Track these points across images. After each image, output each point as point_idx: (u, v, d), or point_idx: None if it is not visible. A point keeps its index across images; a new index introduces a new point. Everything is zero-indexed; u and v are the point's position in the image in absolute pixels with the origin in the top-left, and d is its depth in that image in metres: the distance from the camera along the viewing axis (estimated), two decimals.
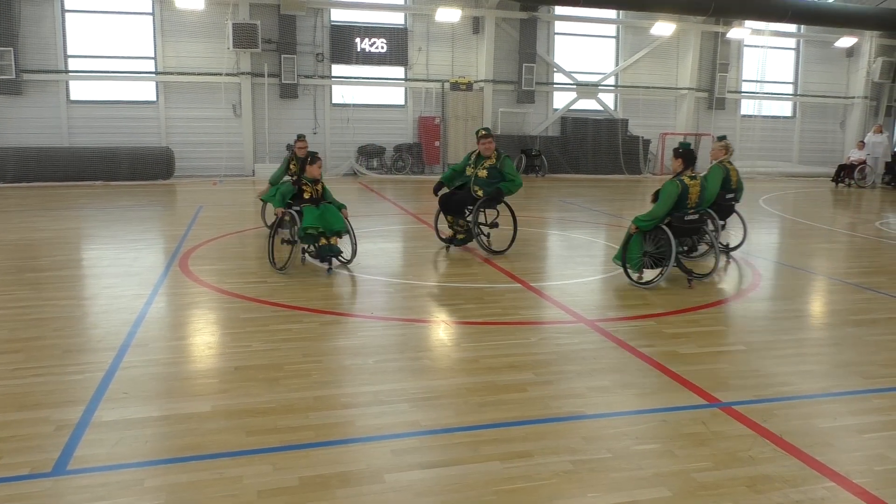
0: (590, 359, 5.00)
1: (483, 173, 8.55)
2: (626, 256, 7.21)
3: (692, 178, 7.09)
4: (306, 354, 4.96)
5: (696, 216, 7.18)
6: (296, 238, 7.72)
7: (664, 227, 7.08)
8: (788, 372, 4.82)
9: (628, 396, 4.31)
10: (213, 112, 20.06)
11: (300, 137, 10.09)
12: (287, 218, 7.66)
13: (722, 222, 8.77)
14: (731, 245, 9.35)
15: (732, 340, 5.58)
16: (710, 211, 7.87)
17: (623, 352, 5.15)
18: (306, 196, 7.68)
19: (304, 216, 7.42)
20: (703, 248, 8.12)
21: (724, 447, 3.66)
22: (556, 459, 3.49)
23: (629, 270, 7.26)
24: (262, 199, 10.26)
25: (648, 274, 7.39)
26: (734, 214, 8.91)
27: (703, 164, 24.35)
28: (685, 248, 7.60)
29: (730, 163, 8.91)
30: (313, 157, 7.83)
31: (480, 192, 8.62)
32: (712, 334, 5.76)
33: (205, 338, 5.39)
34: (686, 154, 7.10)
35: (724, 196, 8.57)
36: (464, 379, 4.54)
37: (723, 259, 8.66)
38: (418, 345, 5.27)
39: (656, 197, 7.30)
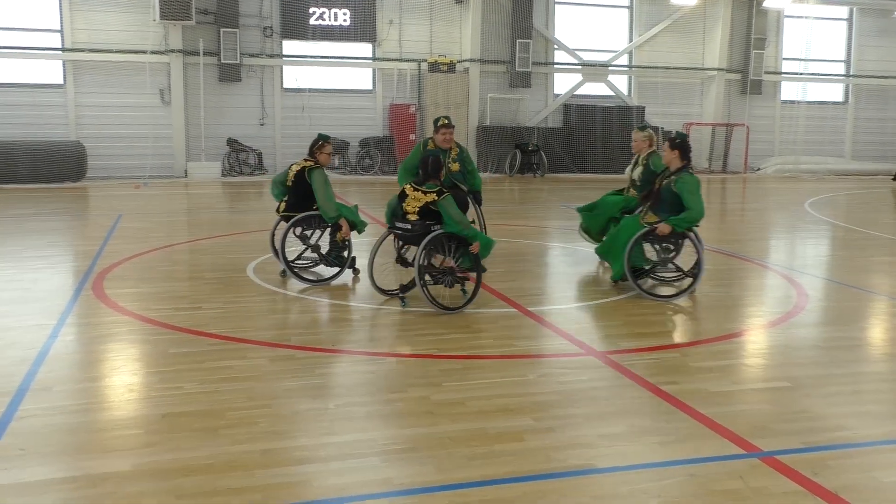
0: (600, 399, 5.01)
1: (455, 166, 8.88)
2: (629, 262, 7.62)
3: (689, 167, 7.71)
4: (252, 398, 4.93)
5: None
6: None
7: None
8: (843, 413, 4.86)
9: (648, 445, 4.32)
10: (136, 98, 19.98)
11: (327, 139, 8.39)
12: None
13: None
14: None
15: (774, 375, 5.61)
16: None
17: (641, 390, 5.17)
18: None
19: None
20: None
21: None
22: None
23: (631, 279, 7.66)
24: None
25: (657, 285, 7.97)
26: None
27: (737, 160, 24.58)
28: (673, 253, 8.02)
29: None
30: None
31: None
32: (749, 368, 5.79)
33: (125, 378, 5.33)
34: (685, 145, 7.66)
35: None
36: (447, 426, 4.53)
37: None
38: (391, 385, 5.25)
39: (648, 197, 7.82)
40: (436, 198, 6.96)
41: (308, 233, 8.33)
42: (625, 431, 4.49)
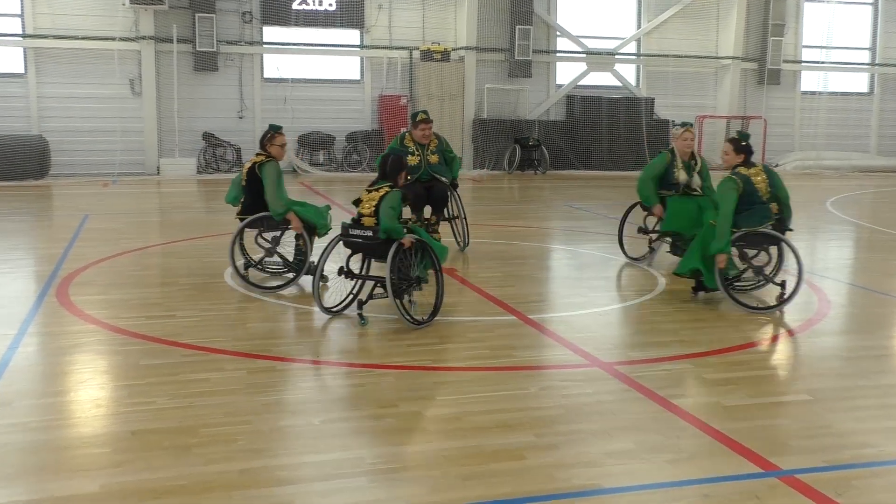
0: (607, 414, 5.02)
1: (435, 158, 9.63)
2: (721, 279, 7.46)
3: (751, 165, 7.60)
4: (229, 413, 4.92)
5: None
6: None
7: (765, 230, 7.43)
8: (869, 429, 4.87)
9: (658, 464, 4.33)
10: (104, 89, 19.94)
11: (278, 130, 8.24)
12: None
13: None
14: None
15: (794, 388, 5.63)
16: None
17: (651, 404, 5.18)
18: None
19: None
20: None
21: None
22: None
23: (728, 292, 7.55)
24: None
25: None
26: None
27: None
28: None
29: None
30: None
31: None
32: (767, 380, 5.80)
33: (91, 392, 5.32)
34: (749, 148, 7.69)
35: None
36: (440, 443, 4.53)
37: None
38: (381, 398, 5.25)
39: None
40: (388, 190, 6.75)
41: (277, 234, 8.31)
42: (633, 448, 4.49)
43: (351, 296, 7.12)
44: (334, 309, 7.15)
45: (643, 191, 9.04)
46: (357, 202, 6.98)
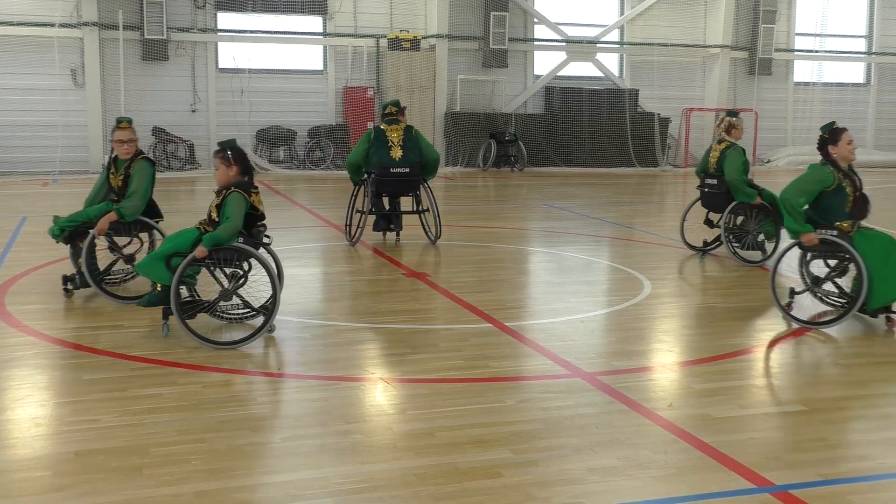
0: (589, 428, 5.04)
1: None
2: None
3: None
4: (183, 431, 4.90)
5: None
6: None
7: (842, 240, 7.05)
8: (869, 441, 4.93)
9: (644, 480, 4.35)
10: (43, 80, 19.77)
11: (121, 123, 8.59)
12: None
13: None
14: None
15: (788, 398, 5.69)
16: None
17: (636, 416, 5.21)
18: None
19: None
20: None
21: None
22: None
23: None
24: None
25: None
26: None
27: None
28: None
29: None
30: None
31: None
32: (760, 390, 5.85)
33: (30, 410, 5.27)
34: None
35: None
36: (411, 461, 4.53)
37: None
38: (347, 414, 5.24)
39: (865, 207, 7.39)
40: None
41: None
42: (617, 464, 4.52)
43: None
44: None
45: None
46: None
